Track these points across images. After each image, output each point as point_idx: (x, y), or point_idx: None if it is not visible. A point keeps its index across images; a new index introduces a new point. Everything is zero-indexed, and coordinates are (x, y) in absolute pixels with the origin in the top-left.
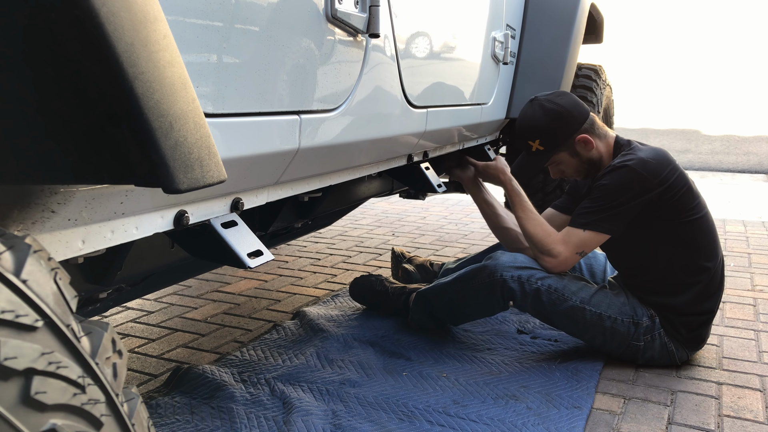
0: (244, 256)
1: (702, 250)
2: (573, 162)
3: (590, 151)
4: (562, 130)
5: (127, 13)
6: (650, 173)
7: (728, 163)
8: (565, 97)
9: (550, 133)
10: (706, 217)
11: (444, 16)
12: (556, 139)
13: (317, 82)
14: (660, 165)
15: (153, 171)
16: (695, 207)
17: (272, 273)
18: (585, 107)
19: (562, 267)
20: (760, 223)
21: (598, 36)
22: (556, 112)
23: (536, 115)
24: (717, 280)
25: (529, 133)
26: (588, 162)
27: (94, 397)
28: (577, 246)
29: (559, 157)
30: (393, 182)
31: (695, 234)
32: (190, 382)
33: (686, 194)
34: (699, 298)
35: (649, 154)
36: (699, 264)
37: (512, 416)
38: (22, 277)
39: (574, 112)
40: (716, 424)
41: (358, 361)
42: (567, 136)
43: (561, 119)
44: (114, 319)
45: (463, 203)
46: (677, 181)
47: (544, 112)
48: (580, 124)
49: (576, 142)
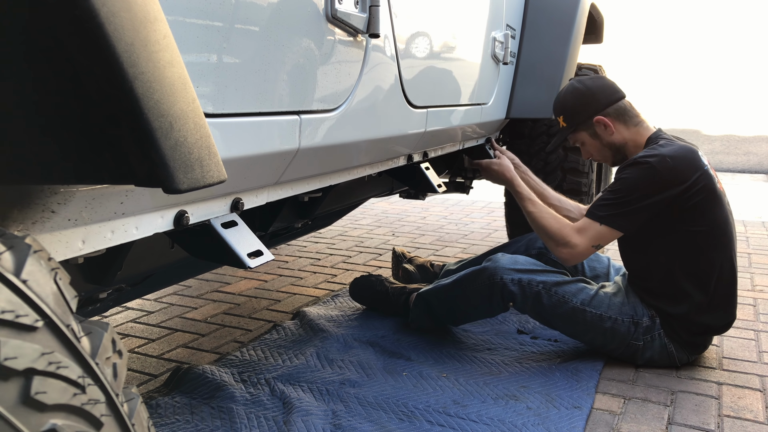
0: (244, 256)
1: (708, 261)
2: (595, 144)
3: (611, 136)
4: (583, 110)
5: (127, 13)
6: (670, 173)
7: (728, 163)
8: (597, 80)
9: (571, 110)
10: (721, 228)
11: (444, 16)
12: (576, 117)
13: (317, 82)
14: (682, 165)
15: (153, 171)
16: (713, 216)
17: (272, 273)
18: (617, 93)
19: (578, 259)
20: (760, 223)
21: (598, 36)
22: (581, 92)
23: (565, 94)
24: (721, 293)
25: (556, 109)
26: (610, 146)
27: (94, 397)
28: (594, 239)
29: (580, 136)
30: (393, 182)
31: (704, 244)
32: (190, 382)
33: (706, 200)
34: (700, 310)
35: (674, 152)
36: (701, 274)
37: (512, 416)
38: (22, 277)
39: (599, 95)
40: (716, 424)
41: (358, 361)
42: (587, 117)
43: (583, 99)
44: (114, 319)
45: (463, 203)
46: (699, 185)
47: (571, 90)
48: (603, 107)
49: (595, 124)
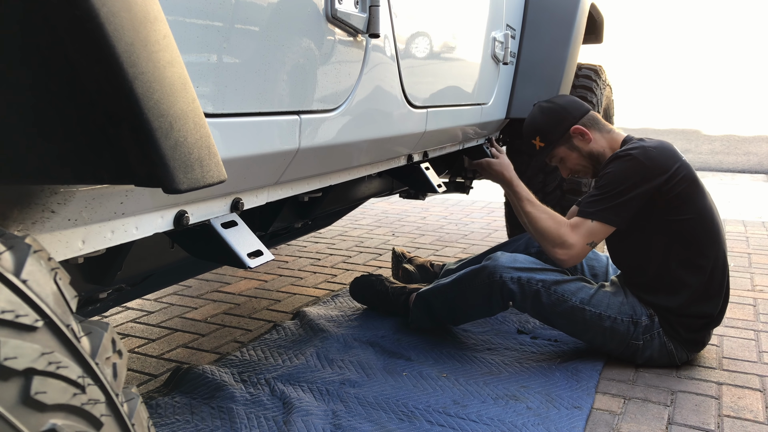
0: (244, 256)
1: (701, 249)
2: (574, 156)
3: (588, 144)
4: (557, 125)
5: (127, 13)
6: (652, 162)
7: (728, 163)
8: (562, 97)
9: (546, 129)
10: (708, 216)
11: (444, 16)
12: (553, 133)
13: (317, 82)
14: (663, 156)
15: (153, 171)
16: (697, 204)
17: (272, 273)
18: (584, 106)
19: (575, 260)
20: (760, 223)
21: (598, 36)
22: (551, 109)
23: (535, 116)
24: (716, 281)
25: (530, 132)
26: (589, 155)
27: (94, 397)
28: (587, 236)
29: (558, 152)
30: (393, 182)
31: (695, 231)
32: (190, 382)
33: (689, 189)
34: (697, 299)
35: (653, 145)
36: (696, 262)
37: (512, 416)
38: (22, 277)
39: (569, 109)
40: (716, 424)
41: (358, 361)
42: (563, 131)
43: (556, 115)
44: (114, 319)
45: (463, 203)
46: (681, 174)
47: (540, 111)
48: (576, 120)
49: (572, 135)
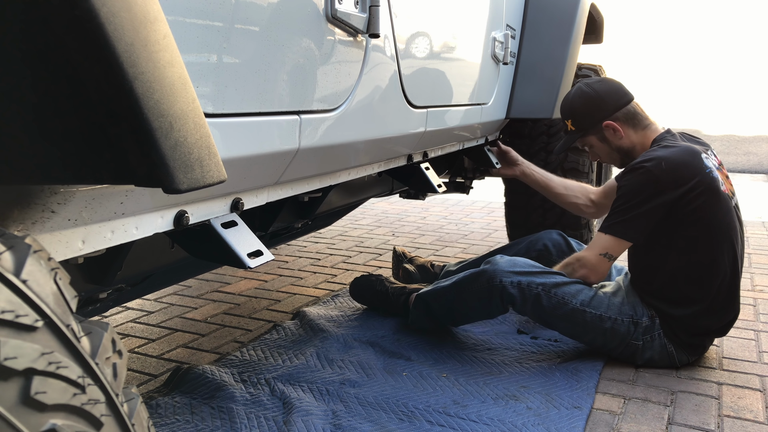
0: (244, 256)
1: (710, 265)
2: (603, 147)
3: (620, 140)
4: (591, 115)
5: (127, 13)
6: (666, 175)
7: (728, 163)
8: (605, 83)
9: (580, 115)
10: (722, 232)
11: (444, 16)
12: (585, 122)
13: (317, 82)
14: (679, 168)
15: (153, 171)
16: (713, 220)
17: (272, 273)
18: (624, 97)
19: (595, 273)
20: (760, 223)
21: (598, 36)
22: (589, 96)
23: (573, 97)
24: (723, 296)
25: (565, 112)
26: (618, 150)
27: (94, 397)
28: (600, 248)
29: (589, 140)
30: (393, 182)
31: (705, 248)
32: (190, 382)
33: (708, 203)
34: (702, 313)
35: (671, 155)
36: (704, 278)
37: (512, 416)
38: (22, 277)
39: (608, 100)
40: (716, 424)
41: (358, 361)
42: (596, 121)
43: (592, 104)
44: (114, 319)
45: (463, 203)
46: (699, 189)
47: (580, 94)
48: (612, 112)
49: (604, 128)
